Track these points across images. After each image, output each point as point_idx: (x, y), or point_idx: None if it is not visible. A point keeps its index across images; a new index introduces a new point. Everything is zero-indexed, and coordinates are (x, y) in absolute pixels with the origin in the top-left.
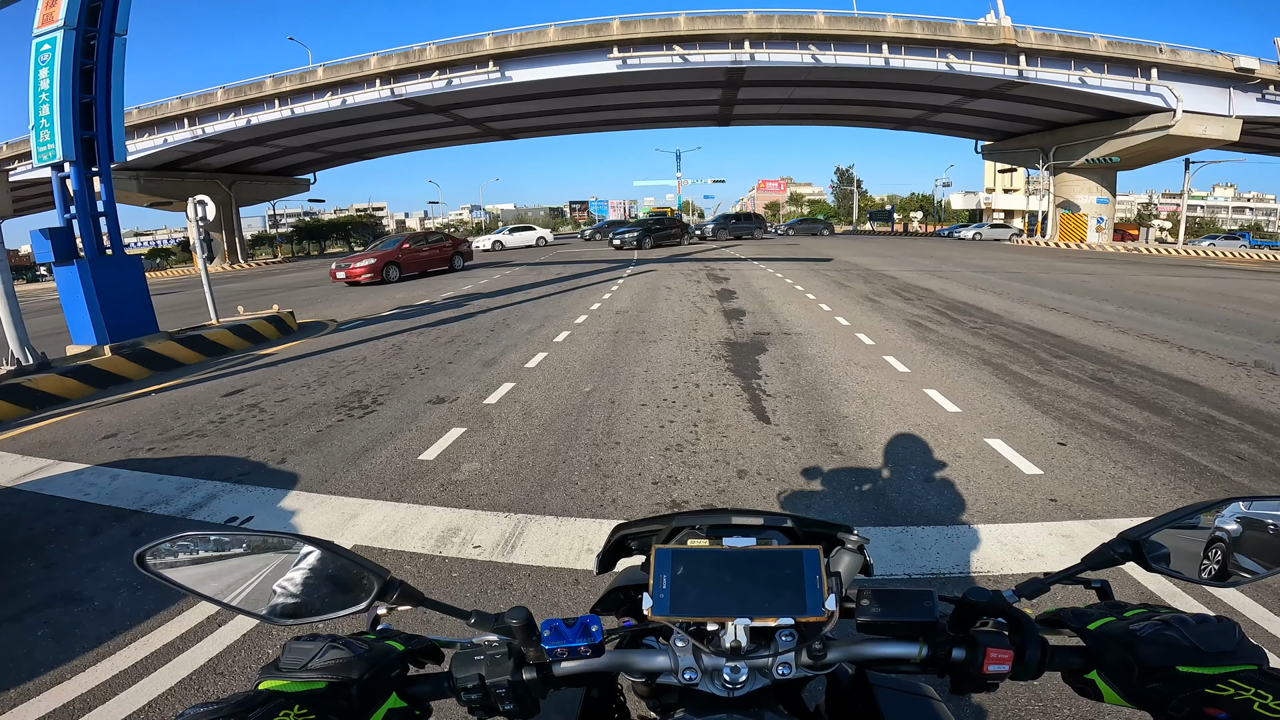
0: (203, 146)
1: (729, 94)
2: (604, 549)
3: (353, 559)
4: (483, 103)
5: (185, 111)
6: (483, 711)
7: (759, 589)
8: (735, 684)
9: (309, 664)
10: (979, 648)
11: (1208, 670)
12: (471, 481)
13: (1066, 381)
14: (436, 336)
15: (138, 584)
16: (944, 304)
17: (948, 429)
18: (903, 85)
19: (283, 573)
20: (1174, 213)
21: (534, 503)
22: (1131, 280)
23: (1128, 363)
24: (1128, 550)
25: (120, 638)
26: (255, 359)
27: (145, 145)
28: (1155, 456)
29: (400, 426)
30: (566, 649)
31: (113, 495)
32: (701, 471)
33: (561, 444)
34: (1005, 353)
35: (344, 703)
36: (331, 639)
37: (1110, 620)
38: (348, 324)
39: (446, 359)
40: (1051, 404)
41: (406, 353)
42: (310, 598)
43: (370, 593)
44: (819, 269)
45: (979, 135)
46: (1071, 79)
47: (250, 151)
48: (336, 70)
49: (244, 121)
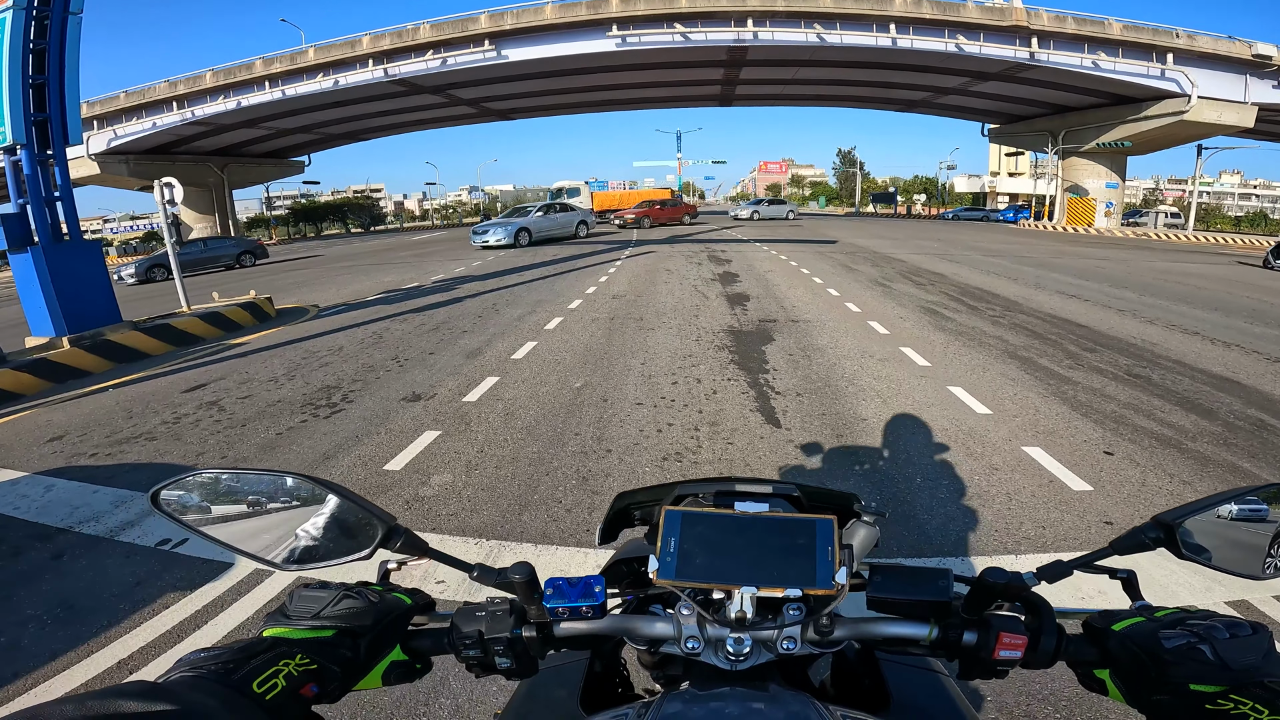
0: (193, 129)
1: (731, 73)
2: (605, 519)
3: (360, 502)
4: (479, 83)
5: (174, 94)
6: (480, 669)
7: (769, 557)
8: (739, 656)
9: (321, 612)
10: (992, 631)
11: (1219, 688)
12: (441, 498)
13: (1101, 378)
14: (420, 324)
15: (48, 618)
16: (958, 289)
17: (979, 435)
18: (910, 66)
19: (290, 516)
20: (1180, 198)
21: (510, 526)
22: (1146, 266)
23: (1162, 357)
24: (1160, 535)
25: (19, 682)
26: (225, 349)
27: (134, 129)
28: (1212, 469)
29: (368, 429)
30: (568, 608)
31: (43, 510)
32: None
33: (546, 451)
34: (1030, 344)
35: (348, 653)
36: (344, 587)
37: (1139, 622)
38: (330, 309)
39: (428, 349)
40: (1090, 405)
41: (386, 342)
42: (316, 543)
43: (375, 539)
44: (824, 251)
45: (986, 118)
46: (1085, 62)
47: (243, 134)
48: (328, 50)
49: (234, 104)
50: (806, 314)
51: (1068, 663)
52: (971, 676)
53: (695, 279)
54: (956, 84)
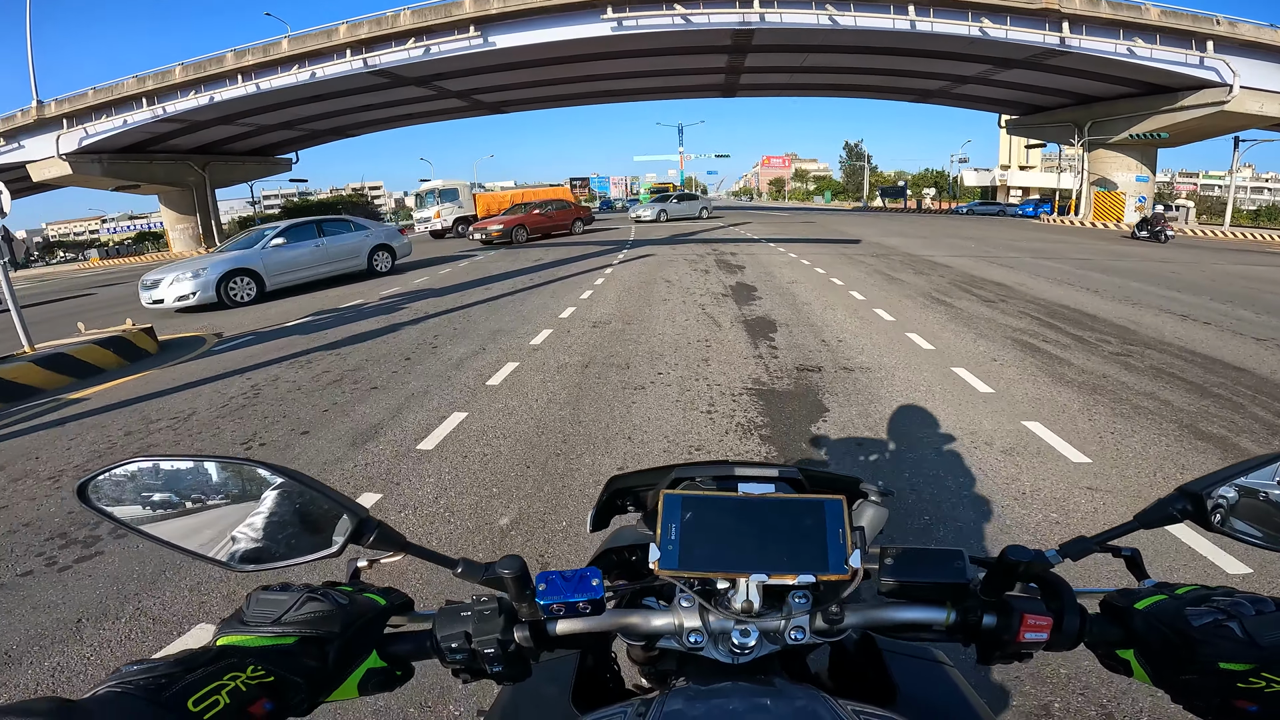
0: (167, 127)
1: (735, 61)
2: (597, 504)
3: (325, 492)
4: (466, 73)
5: (142, 90)
6: (468, 674)
7: (776, 542)
8: (743, 649)
9: (282, 617)
10: (1015, 614)
11: (1248, 665)
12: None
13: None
14: (323, 371)
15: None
16: (1037, 307)
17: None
18: (928, 53)
19: (244, 509)
20: (1192, 192)
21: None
22: (1219, 270)
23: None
24: (1187, 506)
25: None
26: (50, 408)
27: (104, 127)
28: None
29: (100, 607)
30: (564, 604)
31: None
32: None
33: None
34: (1212, 411)
35: (313, 662)
36: (308, 589)
37: (1161, 599)
38: (231, 341)
39: (306, 423)
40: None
41: (258, 406)
42: (275, 538)
43: (344, 534)
44: (851, 254)
45: (1004, 108)
46: (1119, 49)
47: (220, 131)
48: (303, 41)
49: (206, 99)
50: (860, 354)
51: (1088, 644)
52: (992, 661)
53: (702, 294)
54: (977, 72)
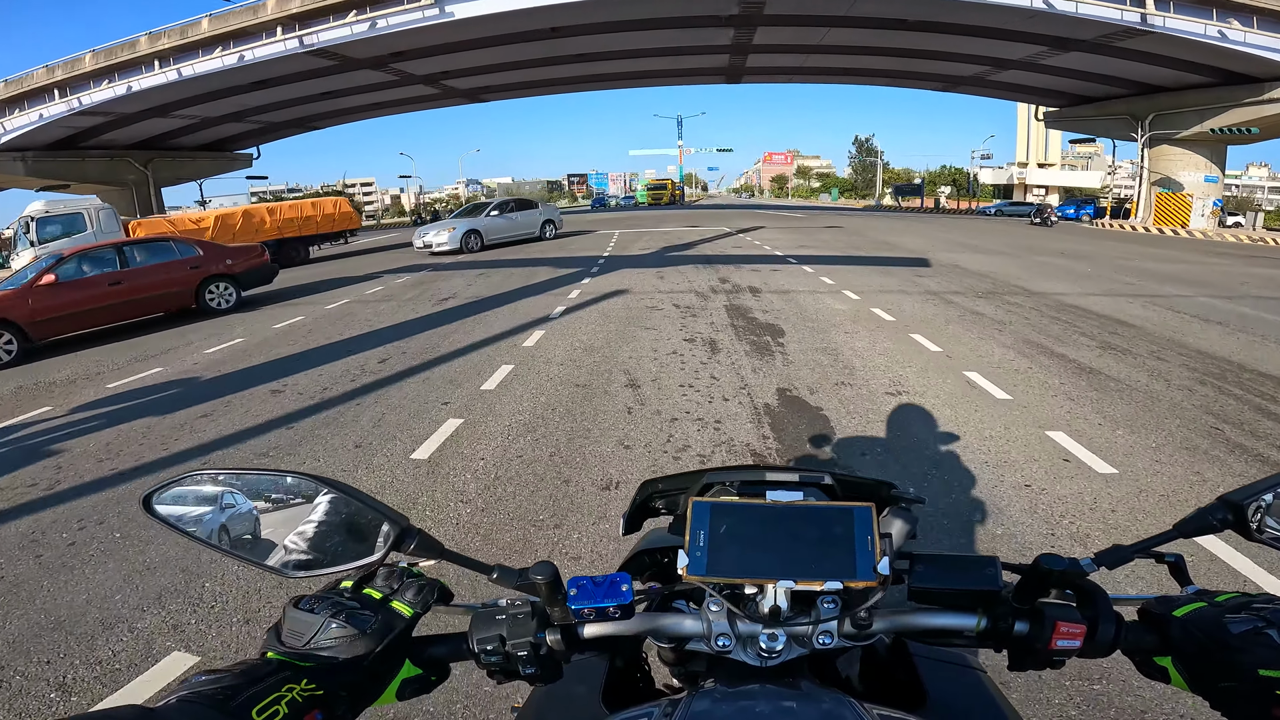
0: (90, 120)
1: (742, 37)
2: (630, 508)
3: (369, 502)
4: (427, 51)
5: (53, 81)
6: (503, 675)
7: (804, 549)
8: (771, 653)
9: (310, 641)
10: (1047, 621)
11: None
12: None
13: None
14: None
15: None
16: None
17: None
18: (969, 29)
19: (295, 518)
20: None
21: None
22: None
23: None
24: (1228, 516)
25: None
26: None
27: (20, 122)
28: None
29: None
30: (594, 609)
31: None
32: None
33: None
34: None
35: (352, 677)
36: (332, 610)
37: (1201, 607)
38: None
39: None
40: None
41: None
42: (323, 546)
43: (387, 541)
44: (939, 289)
45: (1044, 99)
46: (1209, 30)
47: (160, 124)
48: (225, 20)
49: (124, 89)
50: None
51: (1124, 651)
52: (1024, 668)
53: (702, 379)
54: (1025, 55)
